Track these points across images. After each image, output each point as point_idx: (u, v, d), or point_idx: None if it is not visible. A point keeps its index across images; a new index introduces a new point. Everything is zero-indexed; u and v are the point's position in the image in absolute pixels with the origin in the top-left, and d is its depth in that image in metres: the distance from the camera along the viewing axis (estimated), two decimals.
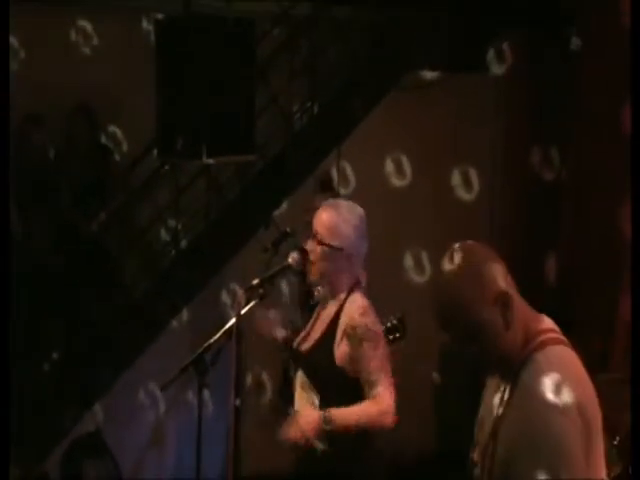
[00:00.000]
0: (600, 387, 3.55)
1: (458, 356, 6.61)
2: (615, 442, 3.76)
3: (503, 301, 2.06)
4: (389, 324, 4.38)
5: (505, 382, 2.14)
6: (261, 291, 3.21)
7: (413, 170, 6.02)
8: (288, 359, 3.50)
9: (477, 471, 3.81)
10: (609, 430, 3.62)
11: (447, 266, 2.08)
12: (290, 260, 3.27)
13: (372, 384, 3.13)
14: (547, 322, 2.22)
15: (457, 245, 2.13)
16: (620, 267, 5.18)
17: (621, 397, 3.46)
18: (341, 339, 3.17)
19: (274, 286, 3.32)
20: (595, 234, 5.50)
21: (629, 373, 3.45)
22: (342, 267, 3.22)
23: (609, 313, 5.23)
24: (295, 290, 4.88)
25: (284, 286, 4.64)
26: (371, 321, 3.17)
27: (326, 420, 3.09)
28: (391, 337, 4.40)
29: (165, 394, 5.42)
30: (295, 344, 3.35)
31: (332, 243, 3.20)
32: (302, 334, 3.36)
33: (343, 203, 3.36)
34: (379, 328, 3.23)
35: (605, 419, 3.85)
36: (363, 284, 3.28)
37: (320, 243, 3.22)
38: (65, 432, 5.40)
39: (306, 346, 3.29)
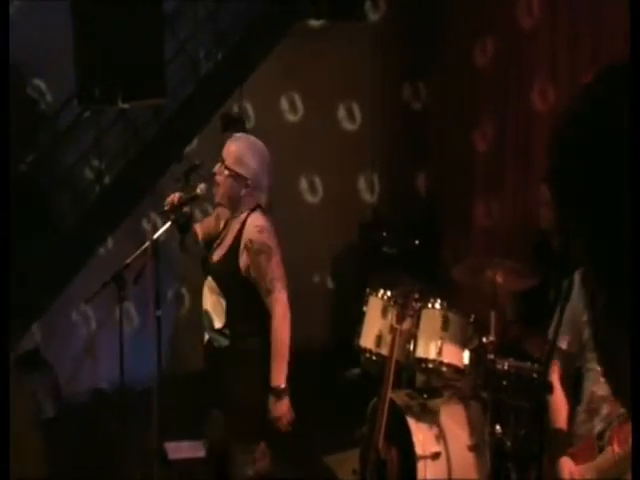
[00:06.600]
0: (460, 273, 4.18)
1: (348, 262, 7.63)
2: (471, 320, 4.13)
3: None
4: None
5: None
6: (173, 217, 3.49)
7: (305, 106, 6.47)
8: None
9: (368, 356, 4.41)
10: (465, 310, 4.13)
11: None
12: (198, 190, 3.50)
13: (269, 291, 3.42)
14: None
15: None
16: (474, 179, 5.64)
17: (474, 280, 4.07)
18: (243, 252, 3.43)
19: (185, 212, 3.52)
20: (454, 153, 5.85)
21: (484, 263, 4.01)
22: (244, 193, 3.44)
23: (466, 217, 5.63)
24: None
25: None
26: (266, 237, 3.42)
27: (283, 391, 3.41)
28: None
29: (95, 312, 5.86)
30: (208, 254, 3.58)
31: (238, 171, 3.40)
32: (214, 246, 3.58)
33: (251, 138, 3.54)
34: (273, 243, 3.43)
35: (460, 300, 4.44)
36: (263, 205, 3.51)
37: (227, 169, 3.42)
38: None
39: (216, 257, 3.53)
